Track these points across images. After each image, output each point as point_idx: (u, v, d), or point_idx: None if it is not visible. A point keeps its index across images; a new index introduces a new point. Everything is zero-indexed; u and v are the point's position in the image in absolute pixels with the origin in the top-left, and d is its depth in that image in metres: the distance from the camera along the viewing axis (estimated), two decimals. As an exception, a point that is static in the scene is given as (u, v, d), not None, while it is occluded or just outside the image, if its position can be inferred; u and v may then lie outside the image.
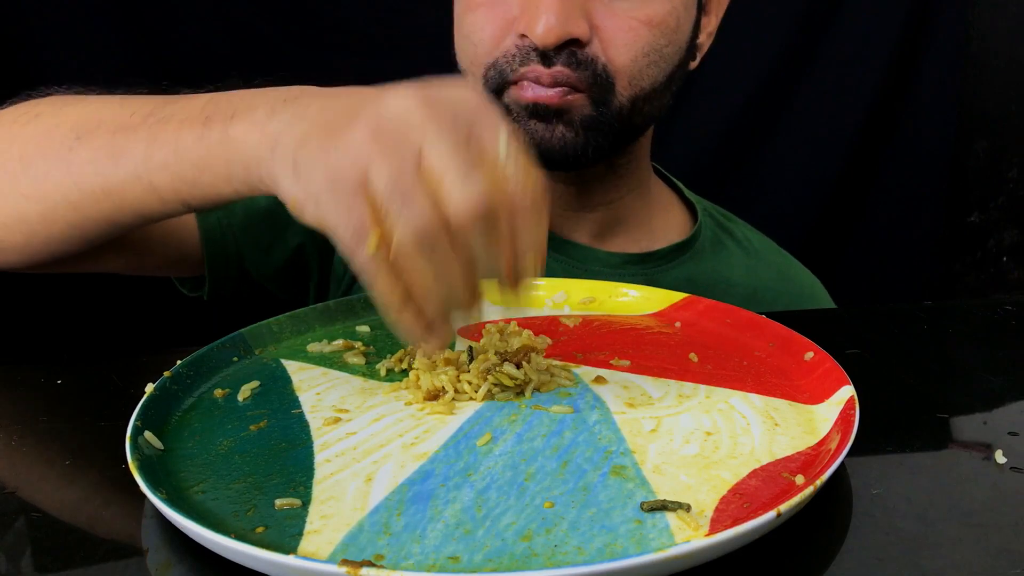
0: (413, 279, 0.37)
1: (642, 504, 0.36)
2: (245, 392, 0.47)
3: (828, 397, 0.44)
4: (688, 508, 0.35)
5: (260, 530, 0.35)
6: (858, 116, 1.32)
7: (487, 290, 0.40)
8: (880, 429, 0.43)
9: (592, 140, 0.66)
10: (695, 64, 0.73)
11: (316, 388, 0.48)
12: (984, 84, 1.35)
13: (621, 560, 0.30)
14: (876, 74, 1.30)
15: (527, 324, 0.55)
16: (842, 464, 0.37)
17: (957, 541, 0.35)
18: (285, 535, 0.34)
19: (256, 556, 0.31)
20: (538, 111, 0.64)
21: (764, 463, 0.39)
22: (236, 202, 0.52)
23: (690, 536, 0.33)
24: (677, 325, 0.57)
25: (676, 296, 0.59)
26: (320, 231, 0.38)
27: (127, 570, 0.35)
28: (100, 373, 0.54)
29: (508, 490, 0.37)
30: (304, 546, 0.34)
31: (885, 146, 1.33)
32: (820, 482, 0.35)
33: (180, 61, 1.10)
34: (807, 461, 0.39)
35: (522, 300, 0.41)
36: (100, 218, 0.50)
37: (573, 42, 0.63)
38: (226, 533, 0.32)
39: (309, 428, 0.43)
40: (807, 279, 0.84)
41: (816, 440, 0.41)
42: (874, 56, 1.29)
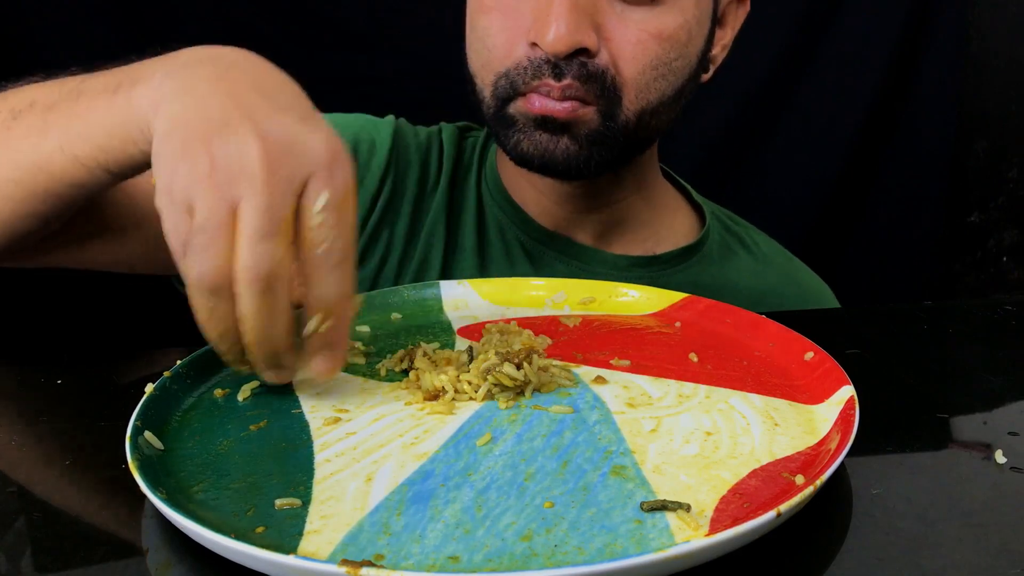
0: (193, 308, 0.42)
1: (642, 504, 0.36)
2: (245, 392, 0.47)
3: (828, 397, 0.44)
4: (688, 508, 0.35)
5: (260, 530, 0.35)
6: (858, 116, 1.32)
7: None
8: (880, 429, 0.43)
9: (596, 154, 0.66)
10: (707, 77, 0.73)
11: (316, 388, 0.48)
12: (984, 84, 1.35)
13: (621, 560, 0.30)
14: (876, 74, 1.30)
15: (527, 324, 0.55)
16: (842, 464, 0.37)
17: (957, 541, 0.35)
18: (285, 535, 0.34)
19: (256, 556, 0.31)
20: (545, 123, 0.64)
21: (764, 463, 0.39)
22: None
23: (690, 536, 0.33)
24: (677, 325, 0.57)
25: (676, 296, 0.59)
26: None
27: (127, 570, 0.35)
28: (100, 373, 0.54)
29: (508, 490, 0.37)
30: (304, 546, 0.34)
31: (885, 146, 1.33)
32: (820, 482, 0.35)
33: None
34: (807, 461, 0.39)
35: (324, 368, 0.44)
36: (42, 192, 0.52)
37: (583, 52, 0.62)
38: (226, 533, 0.32)
39: (309, 428, 0.43)
40: (815, 283, 0.84)
41: (816, 440, 0.41)
42: (874, 56, 1.29)
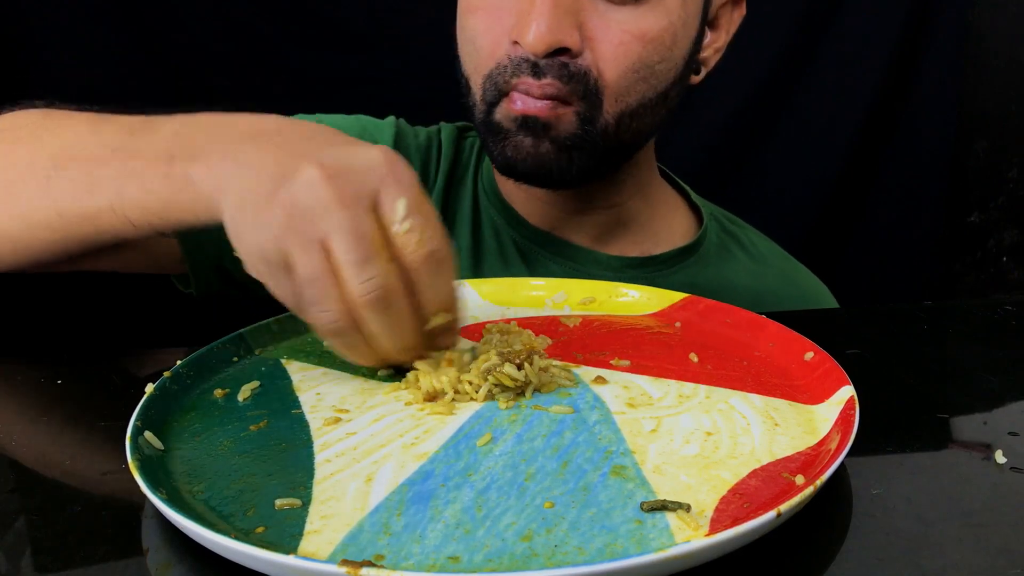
0: (332, 345, 0.46)
1: (642, 504, 0.36)
2: (245, 392, 0.47)
3: (828, 397, 0.44)
4: (688, 508, 0.35)
5: (260, 530, 0.35)
6: (858, 116, 1.32)
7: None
8: (880, 429, 0.43)
9: (578, 160, 0.65)
10: (698, 79, 0.73)
11: (316, 388, 0.48)
12: (984, 84, 1.35)
13: (621, 560, 0.30)
14: (876, 74, 1.30)
15: (527, 324, 0.55)
16: (842, 464, 0.37)
17: (957, 541, 0.35)
18: (285, 535, 0.34)
19: (256, 556, 0.31)
20: (527, 123, 0.64)
21: (764, 463, 0.39)
22: None
23: (690, 536, 0.33)
24: (677, 325, 0.57)
25: (676, 296, 0.59)
26: None
27: (127, 570, 0.35)
28: (100, 373, 0.54)
29: (508, 490, 0.37)
30: (304, 546, 0.34)
31: (885, 146, 1.33)
32: (820, 482, 0.35)
33: (180, 61, 1.10)
34: (807, 461, 0.39)
35: (446, 342, 0.48)
36: (80, 237, 0.53)
37: (564, 52, 0.62)
38: (226, 533, 0.32)
39: (309, 428, 0.43)
40: (813, 284, 0.84)
41: (816, 440, 0.41)
42: (874, 56, 1.29)
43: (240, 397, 0.47)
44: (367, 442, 0.42)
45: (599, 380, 0.48)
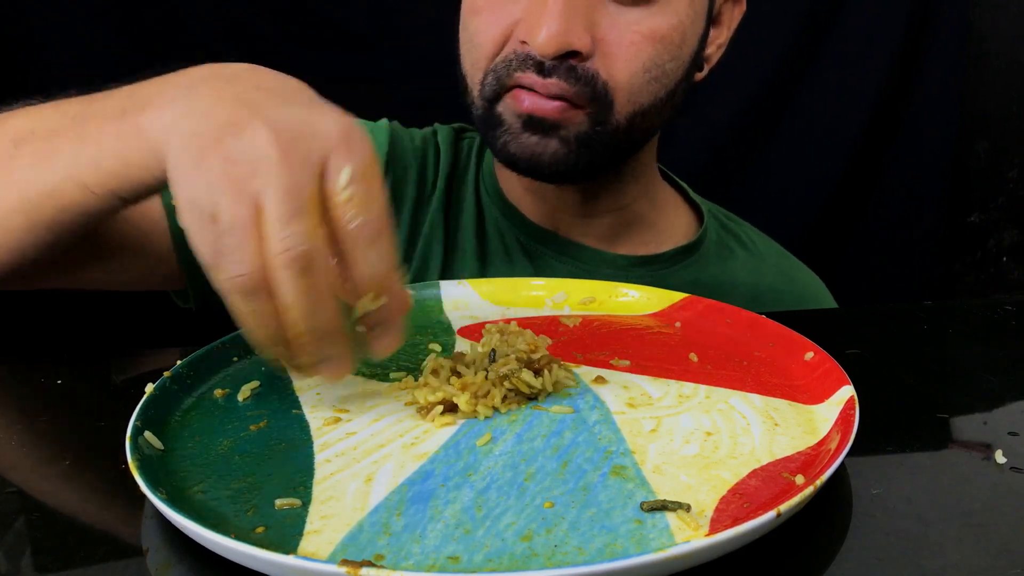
0: (238, 318, 0.41)
1: (642, 504, 0.36)
2: (245, 392, 0.47)
3: (828, 397, 0.44)
4: (688, 508, 0.35)
5: (260, 530, 0.35)
6: (860, 116, 1.32)
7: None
8: (880, 429, 0.43)
9: (585, 156, 0.65)
10: (701, 75, 0.73)
11: (316, 388, 0.48)
12: (985, 85, 1.35)
13: (621, 560, 0.30)
14: (878, 74, 1.30)
15: (527, 324, 0.55)
16: (842, 464, 0.37)
17: (957, 541, 0.35)
18: (285, 535, 0.34)
19: (256, 556, 0.31)
20: (533, 122, 0.64)
21: (764, 463, 0.39)
22: None
23: (690, 536, 0.33)
24: (677, 325, 0.57)
25: (676, 296, 0.59)
26: None
27: (127, 570, 0.35)
28: (100, 373, 0.54)
29: (508, 490, 0.37)
30: (304, 546, 0.34)
31: (887, 146, 1.34)
32: (820, 482, 0.35)
33: (180, 61, 1.10)
34: (807, 461, 0.39)
35: (383, 346, 0.43)
36: (48, 221, 0.51)
37: (573, 54, 0.62)
38: (226, 533, 0.32)
39: (309, 428, 0.43)
40: (811, 280, 0.84)
41: (816, 440, 0.41)
42: (876, 56, 1.30)
43: (240, 397, 0.47)
44: (367, 442, 0.42)
45: (599, 380, 0.48)
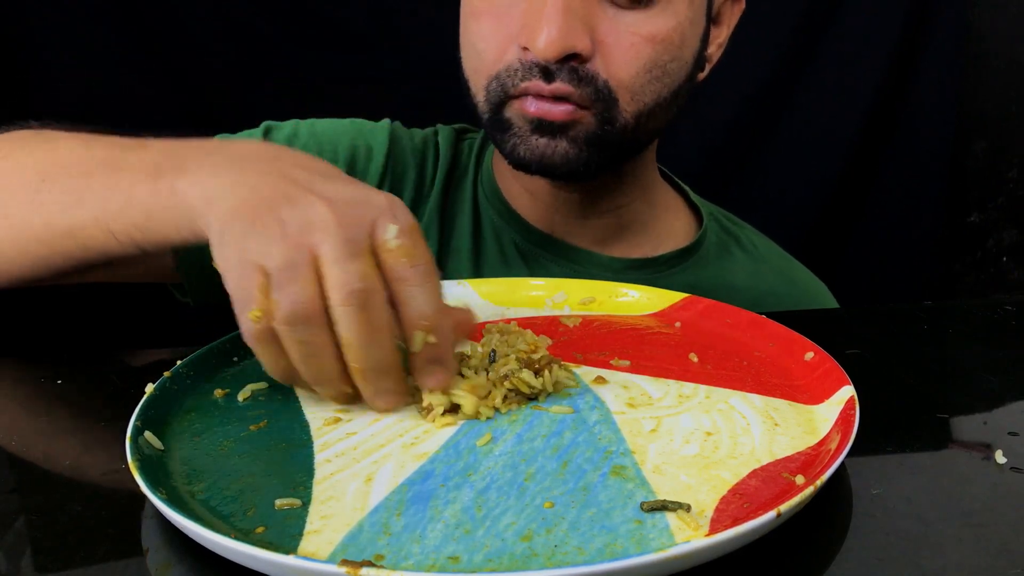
0: (288, 353, 0.42)
1: (642, 504, 0.36)
2: (245, 392, 0.47)
3: (828, 397, 0.44)
4: (688, 508, 0.35)
5: (260, 530, 0.35)
6: (858, 116, 1.32)
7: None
8: (880, 429, 0.43)
9: (595, 156, 0.65)
10: (703, 75, 0.73)
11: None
12: (983, 84, 1.35)
13: (621, 560, 0.30)
14: (876, 74, 1.30)
15: (527, 324, 0.55)
16: (842, 464, 0.37)
17: (957, 541, 0.35)
18: (285, 535, 0.34)
19: (256, 556, 0.31)
20: (542, 126, 0.64)
21: (764, 463, 0.39)
22: None
23: (690, 536, 0.33)
24: (677, 325, 0.57)
25: (676, 296, 0.59)
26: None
27: (127, 570, 0.35)
28: (100, 373, 0.54)
29: (508, 490, 0.37)
30: (304, 546, 0.34)
31: (885, 146, 1.34)
32: (820, 482, 0.35)
33: (180, 61, 1.10)
34: (807, 461, 0.39)
35: (434, 381, 0.44)
36: (66, 253, 0.53)
37: (574, 57, 0.62)
38: (226, 533, 0.32)
39: (309, 428, 0.43)
40: (812, 283, 0.84)
41: (816, 440, 0.41)
42: (874, 56, 1.29)
43: (240, 397, 0.47)
44: (367, 442, 0.42)
45: (599, 380, 0.48)
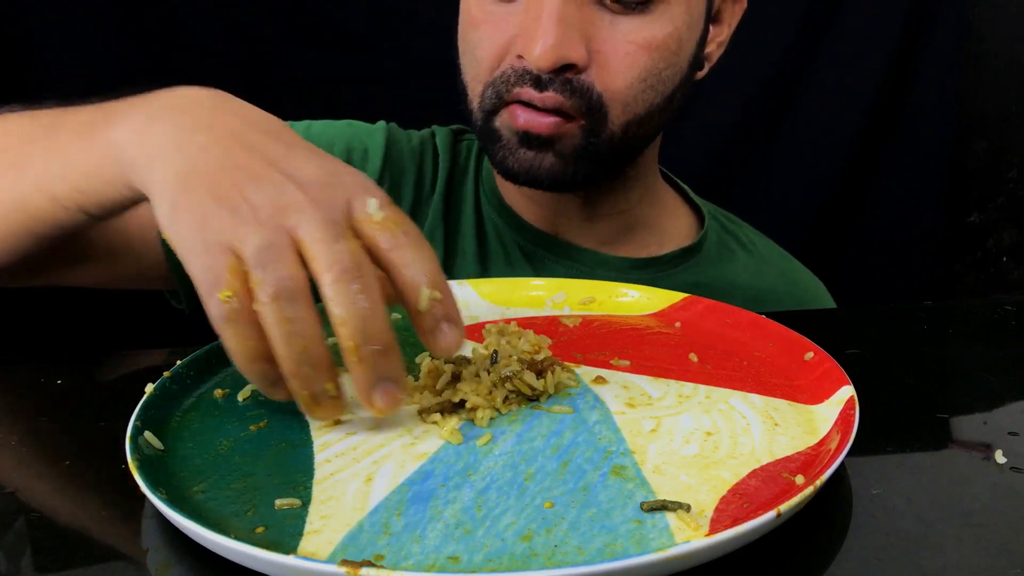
0: (270, 334, 0.38)
1: (642, 504, 0.36)
2: (245, 392, 0.47)
3: (828, 397, 0.44)
4: (688, 508, 0.35)
5: (260, 530, 0.35)
6: (858, 116, 1.32)
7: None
8: (880, 429, 0.43)
9: (582, 168, 0.65)
10: (702, 74, 0.72)
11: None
12: (984, 84, 1.35)
13: (621, 560, 0.30)
14: (876, 74, 1.30)
15: (527, 324, 0.55)
16: (842, 464, 0.37)
17: (957, 541, 0.35)
18: (285, 535, 0.34)
19: (256, 556, 0.31)
20: (529, 138, 0.64)
21: (764, 463, 0.39)
22: None
23: (690, 536, 0.33)
24: (677, 325, 0.57)
25: (676, 296, 0.59)
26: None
27: (127, 570, 0.35)
28: (100, 373, 0.54)
29: (508, 490, 0.37)
30: (304, 546, 0.34)
31: (885, 146, 1.34)
32: (820, 482, 0.35)
33: (180, 61, 1.10)
34: (807, 461, 0.39)
35: (449, 340, 0.41)
36: (20, 230, 0.52)
37: (570, 67, 0.62)
38: (226, 533, 0.32)
39: (309, 428, 0.43)
40: (811, 282, 0.84)
41: (816, 440, 0.41)
42: (874, 56, 1.30)
43: (240, 397, 0.47)
44: (367, 442, 0.42)
45: (599, 380, 0.48)
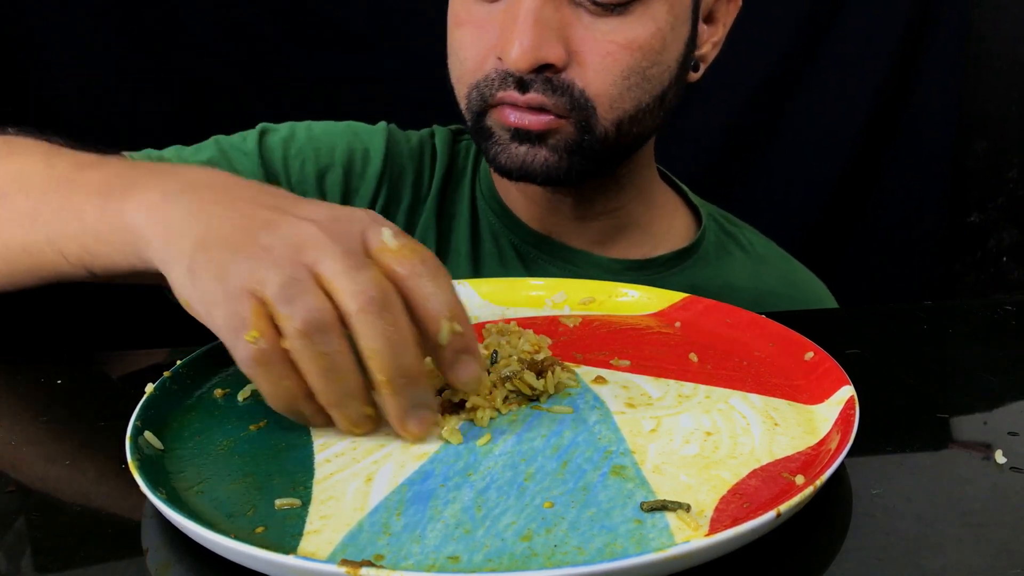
0: (305, 370, 0.38)
1: (642, 504, 0.36)
2: (245, 392, 0.47)
3: (828, 397, 0.44)
4: (688, 508, 0.35)
5: (260, 530, 0.35)
6: (860, 117, 1.32)
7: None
8: (880, 429, 0.43)
9: (576, 164, 0.65)
10: (697, 75, 0.72)
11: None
12: (984, 85, 1.35)
13: (621, 560, 0.30)
14: (877, 75, 1.30)
15: (527, 324, 0.55)
16: (842, 464, 0.37)
17: (957, 541, 0.35)
18: (285, 535, 0.34)
19: (256, 556, 0.31)
20: (521, 134, 0.64)
21: (764, 463, 0.39)
22: None
23: (690, 536, 0.33)
24: (677, 325, 0.57)
25: (676, 296, 0.59)
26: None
27: (127, 570, 0.35)
28: (100, 373, 0.54)
29: (508, 490, 0.37)
30: (304, 546, 0.34)
31: (886, 146, 1.34)
32: (820, 482, 0.35)
33: (180, 61, 1.10)
34: (807, 461, 0.39)
35: (468, 373, 0.42)
36: (24, 271, 0.53)
37: (548, 67, 0.62)
38: (226, 533, 0.32)
39: (309, 428, 0.43)
40: (812, 283, 0.84)
41: (816, 440, 0.41)
42: (875, 57, 1.30)
43: (240, 397, 0.47)
44: (367, 442, 0.42)
45: (599, 380, 0.48)
